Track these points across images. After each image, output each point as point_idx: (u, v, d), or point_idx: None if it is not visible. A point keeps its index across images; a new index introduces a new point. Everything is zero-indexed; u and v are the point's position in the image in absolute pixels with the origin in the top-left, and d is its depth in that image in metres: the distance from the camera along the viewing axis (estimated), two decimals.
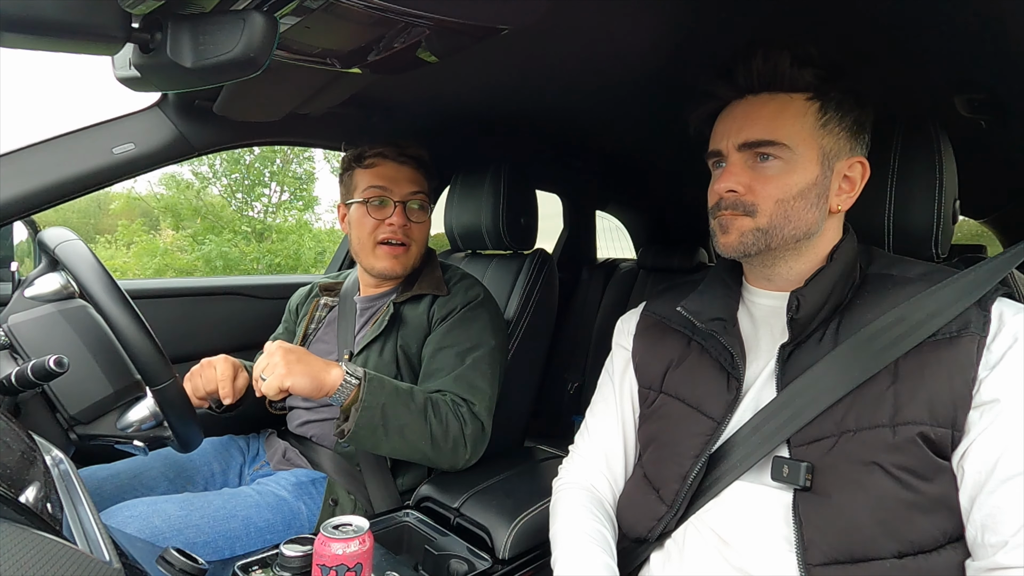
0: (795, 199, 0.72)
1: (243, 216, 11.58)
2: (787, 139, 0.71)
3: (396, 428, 0.98)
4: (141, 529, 0.89)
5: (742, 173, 0.74)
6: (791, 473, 0.68)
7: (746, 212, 0.73)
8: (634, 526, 0.80)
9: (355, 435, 0.96)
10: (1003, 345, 0.63)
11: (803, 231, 0.73)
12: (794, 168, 0.72)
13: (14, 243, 1.15)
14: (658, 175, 2.08)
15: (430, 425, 1.02)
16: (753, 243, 0.74)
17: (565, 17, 0.87)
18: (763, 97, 0.74)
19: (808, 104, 0.72)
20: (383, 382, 1.00)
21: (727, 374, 0.76)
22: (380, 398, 0.97)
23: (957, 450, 0.63)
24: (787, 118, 0.72)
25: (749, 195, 0.73)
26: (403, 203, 1.19)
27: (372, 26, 0.77)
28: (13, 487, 0.44)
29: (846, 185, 0.75)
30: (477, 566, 0.91)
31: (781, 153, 0.72)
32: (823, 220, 0.74)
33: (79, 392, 0.88)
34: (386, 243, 1.19)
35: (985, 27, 0.84)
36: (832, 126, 0.73)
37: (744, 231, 0.74)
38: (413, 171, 1.21)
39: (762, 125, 0.72)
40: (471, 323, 1.18)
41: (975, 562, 0.61)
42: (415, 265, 1.24)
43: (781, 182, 0.72)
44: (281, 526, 1.01)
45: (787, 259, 0.76)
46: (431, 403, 1.04)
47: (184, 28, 0.60)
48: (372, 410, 0.96)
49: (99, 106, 1.63)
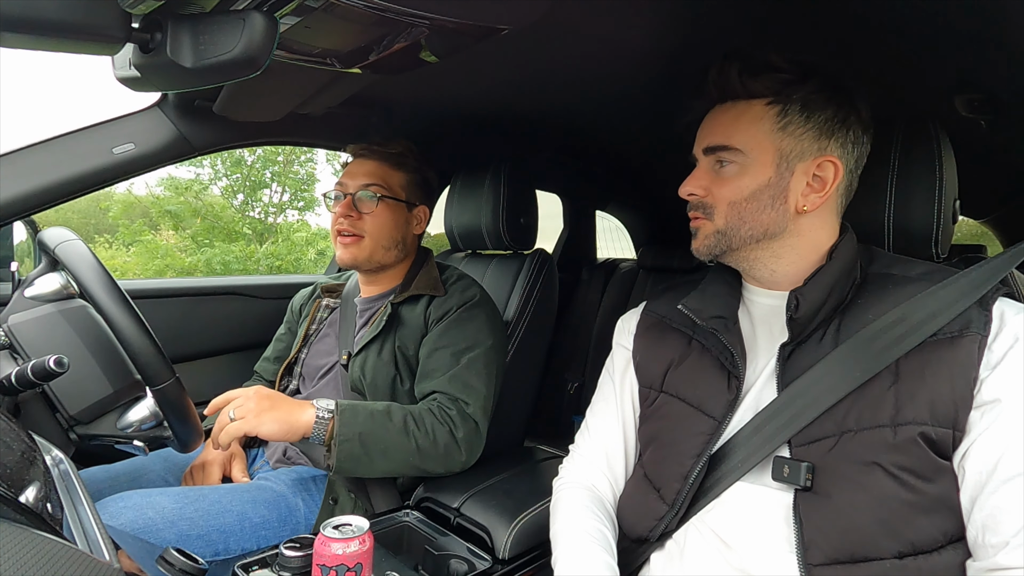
0: (746, 201, 0.75)
1: (244, 216, 11.57)
2: (740, 144, 0.74)
3: (379, 452, 1.01)
4: (134, 520, 0.88)
5: (704, 177, 0.78)
6: (792, 473, 0.68)
7: (706, 215, 0.78)
8: (635, 526, 0.80)
9: (340, 467, 0.99)
10: (1004, 345, 0.63)
11: (761, 231, 0.75)
12: (747, 171, 0.74)
13: (14, 243, 1.15)
14: (658, 175, 2.08)
15: (414, 439, 1.03)
16: (715, 244, 0.78)
17: (565, 17, 0.87)
18: (726, 105, 0.77)
19: (766, 109, 0.74)
20: (356, 410, 1.01)
21: (728, 373, 0.76)
22: (355, 428, 0.99)
23: (958, 450, 0.63)
24: (742, 124, 0.75)
25: (708, 197, 0.77)
26: (352, 195, 1.19)
27: (372, 26, 0.76)
28: (13, 487, 0.44)
29: (816, 184, 0.74)
30: (477, 566, 0.91)
31: (735, 157, 0.75)
32: (786, 220, 0.75)
33: (79, 392, 0.88)
34: (340, 234, 1.20)
35: (985, 27, 0.84)
36: (794, 128, 0.73)
37: (707, 234, 0.78)
38: (375, 163, 1.22)
39: (719, 131, 0.76)
40: (467, 323, 1.18)
41: (976, 563, 0.61)
42: (375, 258, 1.22)
43: (734, 185, 0.75)
44: (276, 522, 1.01)
45: (761, 259, 0.77)
46: (411, 418, 1.05)
47: (184, 28, 0.60)
48: (350, 441, 0.98)
49: (99, 106, 1.63)
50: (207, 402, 1.55)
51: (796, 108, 0.73)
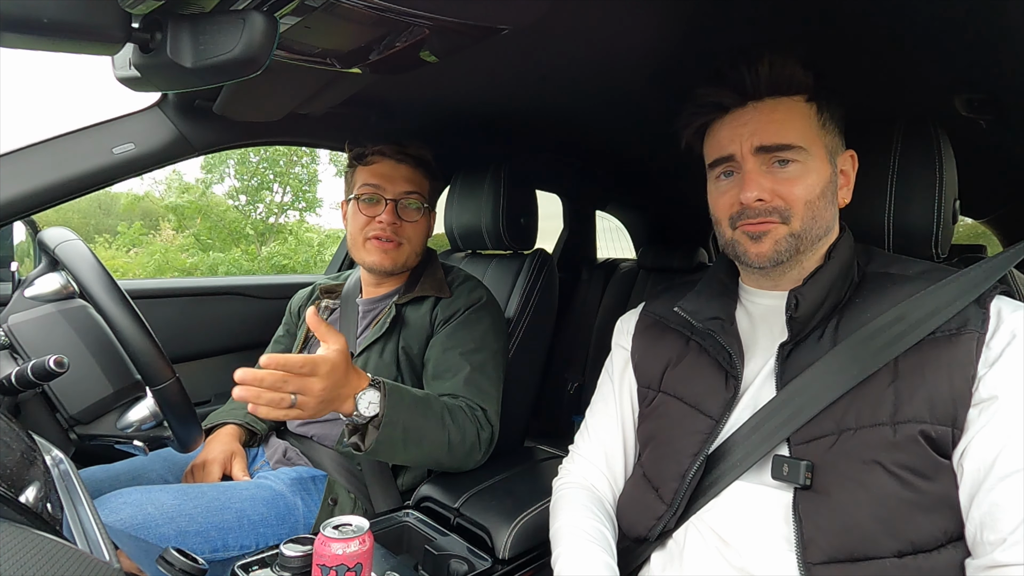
0: (819, 199, 0.73)
1: (247, 217, 11.57)
2: (802, 141, 0.73)
3: (416, 440, 0.96)
4: (133, 515, 0.88)
5: (764, 179, 0.73)
6: (791, 472, 0.68)
7: (782, 219, 0.73)
8: (634, 525, 0.80)
9: (375, 450, 0.93)
10: (1002, 342, 0.63)
11: (824, 230, 0.75)
12: (811, 169, 0.73)
13: (14, 243, 1.15)
14: (658, 175, 2.08)
15: (448, 432, 1.02)
16: (787, 249, 0.73)
17: (565, 17, 0.87)
18: (769, 102, 0.74)
19: (808, 106, 0.74)
20: (402, 394, 0.96)
21: (725, 373, 0.77)
22: (401, 413, 0.93)
23: (957, 448, 0.63)
24: (797, 121, 0.73)
25: (778, 200, 0.73)
26: (395, 201, 1.19)
27: (372, 26, 0.77)
28: (13, 487, 0.44)
29: (842, 179, 0.78)
30: (477, 566, 0.91)
31: (798, 156, 0.73)
32: (835, 217, 0.77)
33: (79, 392, 0.88)
34: (376, 239, 1.19)
35: (985, 27, 0.84)
36: (829, 124, 0.75)
37: (779, 238, 0.73)
38: (411, 170, 1.21)
39: (772, 129, 0.73)
40: (475, 325, 1.18)
41: (974, 560, 0.61)
42: (408, 263, 1.23)
43: (805, 184, 0.73)
44: (275, 520, 1.01)
45: (802, 261, 0.77)
46: (447, 410, 1.04)
47: (184, 28, 0.60)
48: (394, 425, 0.92)
49: (99, 106, 1.63)
50: (207, 402, 1.56)
51: (826, 104, 0.75)
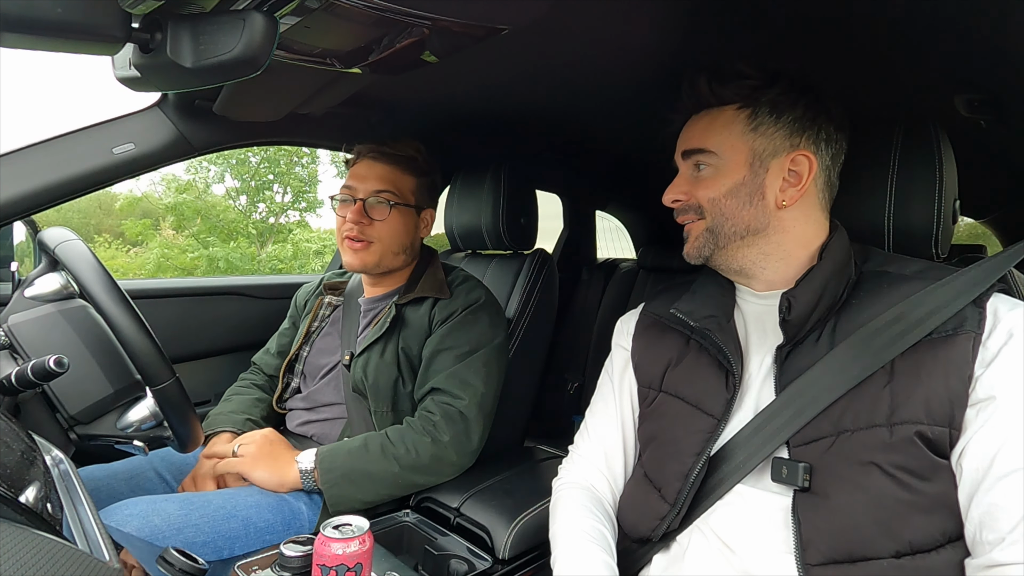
0: (724, 197, 0.78)
1: (247, 217, 11.57)
2: (714, 147, 0.79)
3: (366, 483, 1.05)
4: (140, 528, 0.88)
5: (683, 183, 0.82)
6: (790, 474, 0.68)
7: (697, 215, 0.81)
8: (636, 526, 0.80)
9: (336, 507, 1.03)
10: (998, 341, 0.63)
11: (743, 227, 0.78)
12: (721, 171, 0.78)
13: (14, 243, 1.15)
14: (658, 175, 2.06)
15: (395, 461, 1.06)
16: (705, 244, 0.80)
17: (565, 17, 0.87)
18: (700, 115, 0.82)
19: (736, 113, 0.78)
20: (334, 453, 1.06)
21: (725, 371, 0.77)
22: (336, 470, 1.04)
23: (955, 448, 0.63)
24: (714, 129, 0.79)
25: (692, 199, 0.81)
26: (364, 200, 1.18)
27: (372, 26, 0.76)
28: (13, 487, 0.44)
29: (792, 178, 0.77)
30: (477, 566, 0.91)
31: (709, 160, 0.79)
32: (767, 216, 0.77)
33: (79, 392, 0.88)
34: (348, 239, 1.19)
35: (985, 27, 0.84)
36: (765, 128, 0.77)
37: (698, 233, 0.81)
38: (387, 168, 1.20)
39: (694, 137, 0.81)
40: (471, 326, 1.18)
41: (974, 559, 0.61)
42: (384, 263, 1.22)
43: (711, 183, 0.79)
44: (281, 526, 1.01)
45: (749, 258, 0.79)
46: (387, 442, 1.08)
47: (184, 28, 0.60)
48: (337, 485, 1.03)
49: (99, 106, 1.63)
50: (207, 402, 1.56)
51: (765, 110, 0.77)
